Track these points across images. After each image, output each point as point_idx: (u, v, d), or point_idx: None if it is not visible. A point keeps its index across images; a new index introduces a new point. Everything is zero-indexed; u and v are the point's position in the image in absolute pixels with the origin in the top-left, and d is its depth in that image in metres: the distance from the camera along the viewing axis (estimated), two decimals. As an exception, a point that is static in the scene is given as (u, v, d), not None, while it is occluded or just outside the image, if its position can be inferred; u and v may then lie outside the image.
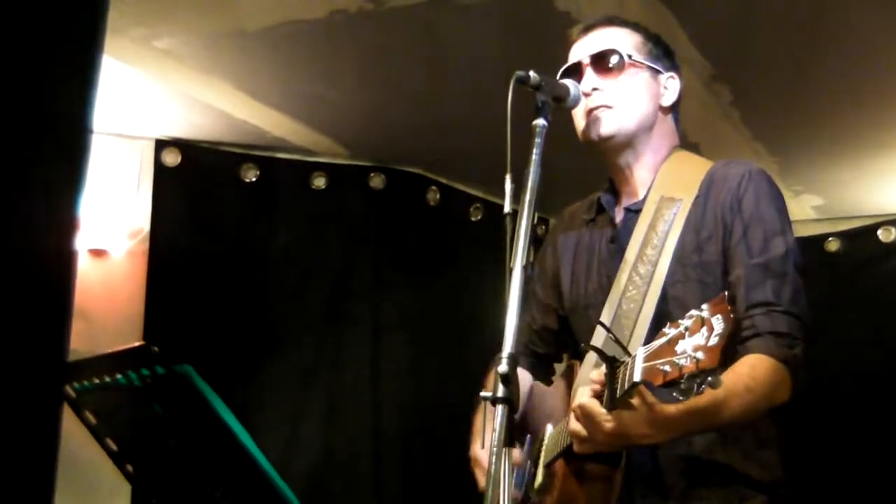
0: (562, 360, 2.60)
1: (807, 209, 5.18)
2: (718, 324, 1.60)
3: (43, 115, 0.92)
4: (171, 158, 4.55)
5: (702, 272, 2.11)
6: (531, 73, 1.96)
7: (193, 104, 4.17)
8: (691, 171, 2.27)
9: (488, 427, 1.77)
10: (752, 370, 1.98)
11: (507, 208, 1.81)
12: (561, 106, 2.07)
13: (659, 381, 1.66)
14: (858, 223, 5.19)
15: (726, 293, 1.67)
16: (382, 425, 4.72)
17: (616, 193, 2.38)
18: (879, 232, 5.09)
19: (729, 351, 1.60)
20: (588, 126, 2.25)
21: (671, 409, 1.87)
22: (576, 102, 2.11)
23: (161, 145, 4.54)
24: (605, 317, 2.15)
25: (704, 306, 1.65)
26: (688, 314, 1.67)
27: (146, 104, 4.19)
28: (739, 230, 2.11)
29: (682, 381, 1.63)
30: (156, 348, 1.63)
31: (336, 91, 4.08)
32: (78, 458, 2.65)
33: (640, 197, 2.29)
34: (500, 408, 1.64)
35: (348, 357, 4.75)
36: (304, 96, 4.14)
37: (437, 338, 4.89)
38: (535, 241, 1.90)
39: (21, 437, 0.87)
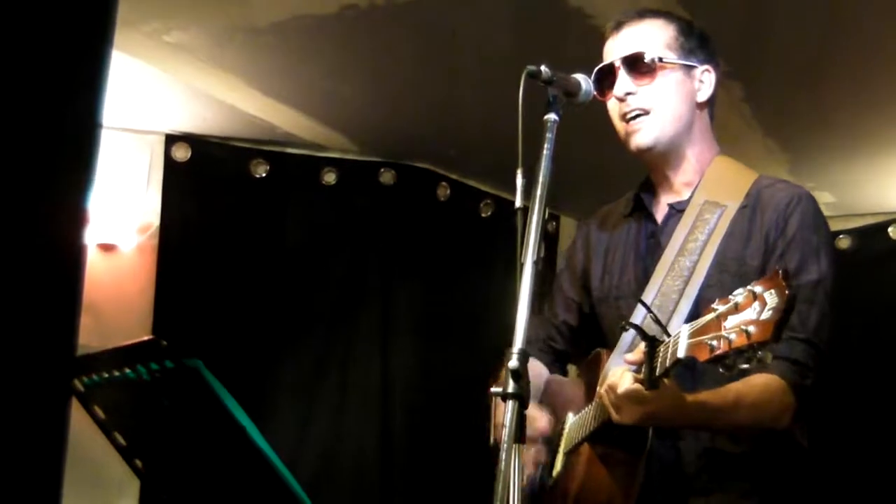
0: (570, 361, 2.60)
1: (818, 206, 5.16)
2: (772, 298, 1.56)
3: (52, 110, 0.92)
4: (181, 153, 4.55)
5: (738, 282, 2.11)
6: (542, 68, 1.94)
7: (204, 99, 4.17)
8: (736, 178, 2.28)
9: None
10: (765, 387, 2.03)
11: (517, 204, 1.81)
12: (573, 101, 2.05)
13: (705, 356, 1.65)
14: (870, 220, 5.15)
15: (780, 269, 1.62)
16: (392, 419, 4.73)
17: (653, 190, 2.38)
18: (891, 229, 5.06)
19: (785, 326, 1.55)
20: (627, 136, 2.25)
21: (687, 396, 1.92)
22: (587, 97, 2.10)
23: (171, 140, 4.55)
24: (639, 315, 2.16)
25: (757, 282, 1.61)
26: (737, 291, 1.64)
27: (156, 99, 4.20)
28: (779, 250, 2.14)
29: (729, 356, 1.61)
30: (165, 342, 1.63)
31: (347, 86, 4.08)
32: (86, 453, 2.65)
33: (684, 197, 2.29)
34: (510, 403, 1.63)
35: (358, 352, 4.76)
36: (315, 91, 4.14)
37: (446, 333, 4.89)
38: (546, 237, 1.89)
39: (29, 431, 0.87)
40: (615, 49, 2.28)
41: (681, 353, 1.70)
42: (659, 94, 2.22)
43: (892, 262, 5.02)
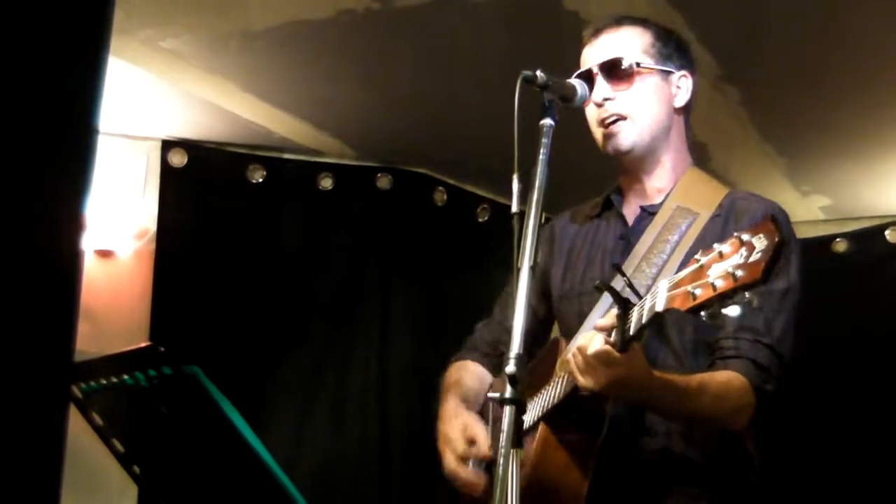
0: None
1: (814, 210, 5.16)
2: (760, 242, 1.52)
3: (49, 116, 0.92)
4: (178, 159, 4.55)
5: None
6: (538, 73, 1.95)
7: (200, 105, 4.17)
8: (708, 190, 2.30)
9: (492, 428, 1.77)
10: (728, 383, 2.03)
11: (514, 208, 1.80)
12: (568, 105, 2.06)
13: (687, 304, 1.62)
14: (866, 224, 5.15)
15: (771, 215, 1.59)
16: (388, 425, 4.72)
17: (624, 194, 2.39)
18: (887, 233, 5.05)
19: (774, 270, 1.52)
20: (604, 140, 2.27)
21: (654, 371, 1.91)
22: (583, 102, 2.11)
23: (168, 146, 4.55)
24: (603, 304, 2.15)
25: (743, 231, 1.57)
26: (717, 244, 1.61)
27: (153, 105, 4.20)
28: None
29: (713, 303, 1.57)
30: (162, 349, 1.63)
31: (343, 91, 4.08)
32: (84, 460, 2.65)
33: (657, 201, 2.30)
34: (507, 409, 1.63)
35: (355, 357, 4.75)
36: (311, 97, 4.14)
37: (443, 337, 4.89)
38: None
39: (27, 437, 0.87)
40: (593, 55, 2.30)
41: (660, 307, 1.68)
42: (637, 100, 2.24)
43: (889, 265, 5.01)
